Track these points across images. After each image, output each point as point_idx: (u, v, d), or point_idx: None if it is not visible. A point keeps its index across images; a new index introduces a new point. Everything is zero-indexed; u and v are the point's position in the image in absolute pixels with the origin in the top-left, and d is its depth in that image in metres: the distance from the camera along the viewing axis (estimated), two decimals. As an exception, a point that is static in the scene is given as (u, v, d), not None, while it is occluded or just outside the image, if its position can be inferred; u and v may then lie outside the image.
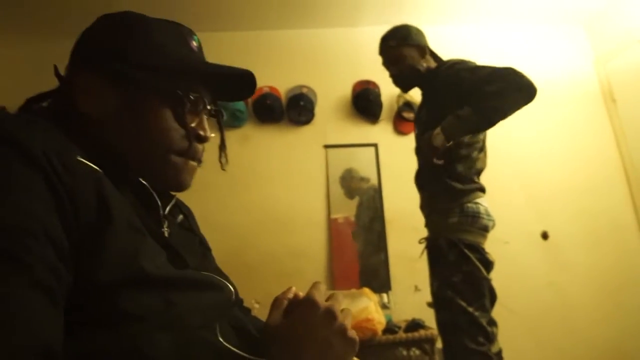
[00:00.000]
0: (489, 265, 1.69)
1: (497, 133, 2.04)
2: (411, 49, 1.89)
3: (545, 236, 2.98)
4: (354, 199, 3.02)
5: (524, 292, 2.80)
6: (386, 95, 3.14)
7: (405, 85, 1.98)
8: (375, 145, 3.12)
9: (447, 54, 1.97)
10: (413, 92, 2.28)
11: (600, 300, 2.86)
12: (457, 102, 1.66)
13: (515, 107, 1.57)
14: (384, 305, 2.69)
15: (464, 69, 1.72)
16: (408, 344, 2.39)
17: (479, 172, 1.82)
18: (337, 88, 3.20)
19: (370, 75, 3.12)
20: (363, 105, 3.12)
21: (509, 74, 1.56)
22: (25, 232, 0.41)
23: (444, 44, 2.06)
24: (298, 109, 3.06)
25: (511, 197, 2.96)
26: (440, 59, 1.93)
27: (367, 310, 2.33)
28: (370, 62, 3.08)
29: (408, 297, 2.76)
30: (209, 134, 0.68)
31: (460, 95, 1.66)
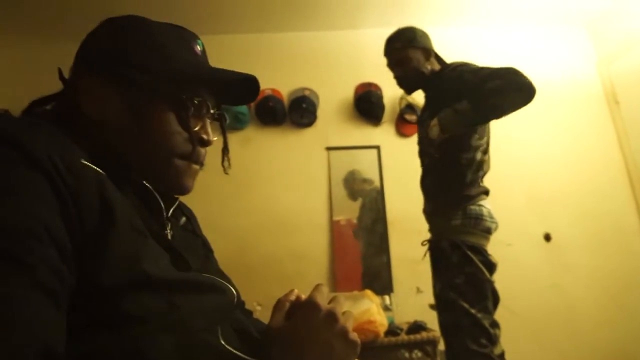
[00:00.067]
0: (491, 267, 1.69)
1: (499, 135, 2.04)
2: (416, 51, 1.89)
3: (547, 238, 2.97)
4: (357, 201, 3.02)
5: (526, 294, 2.79)
6: (388, 97, 3.15)
7: (409, 87, 1.99)
8: (377, 147, 3.12)
9: (449, 55, 1.97)
10: (415, 94, 2.28)
11: (604, 303, 2.85)
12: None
13: (513, 106, 1.59)
14: (386, 307, 2.69)
15: (467, 71, 1.73)
16: (410, 346, 2.39)
17: (484, 175, 1.83)
18: (339, 90, 3.21)
19: (372, 78, 3.13)
20: (365, 107, 3.13)
21: (510, 73, 1.57)
22: (28, 233, 0.41)
23: (446, 46, 2.06)
24: (300, 111, 3.07)
25: (514, 199, 2.95)
26: (444, 62, 1.93)
27: (369, 312, 2.33)
28: (372, 64, 3.09)
29: (410, 299, 2.76)
30: (212, 138, 0.69)
31: (463, 97, 1.66)
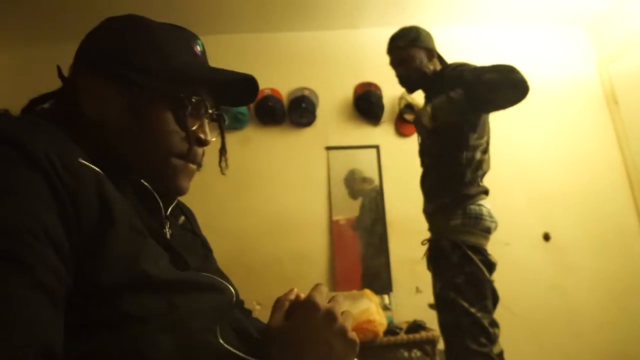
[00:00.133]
0: (491, 266, 1.69)
1: (499, 135, 2.04)
2: (420, 51, 1.90)
3: (547, 237, 2.97)
4: (357, 200, 3.02)
5: (526, 295, 2.79)
6: (388, 97, 3.15)
7: (411, 86, 1.99)
8: (376, 147, 3.13)
9: (449, 55, 1.97)
10: (415, 94, 2.28)
11: (605, 305, 2.85)
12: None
13: (505, 102, 1.62)
14: (385, 307, 2.69)
15: (466, 70, 1.74)
16: (409, 346, 2.39)
17: (483, 175, 1.83)
18: (338, 90, 3.21)
19: (371, 77, 3.13)
20: (364, 107, 3.13)
21: (507, 69, 1.59)
22: (26, 233, 0.41)
23: (446, 46, 2.06)
24: (300, 111, 3.07)
25: (513, 199, 2.95)
26: (446, 63, 1.94)
27: (369, 311, 2.33)
28: (371, 64, 3.10)
29: (409, 298, 2.76)
30: (210, 138, 0.68)
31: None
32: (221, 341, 0.56)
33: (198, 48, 0.69)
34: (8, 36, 3.06)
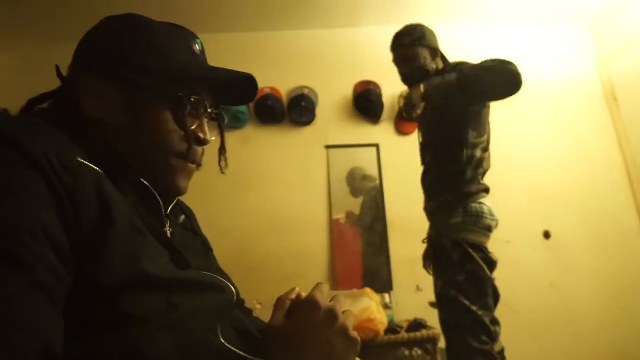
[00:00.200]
0: (492, 264, 1.69)
1: (499, 134, 2.04)
2: (424, 50, 1.90)
3: (547, 235, 2.97)
4: (359, 198, 3.02)
5: (527, 293, 2.79)
6: (387, 95, 3.14)
7: (413, 84, 1.99)
8: (376, 145, 3.12)
9: (450, 54, 1.98)
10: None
11: (605, 304, 2.85)
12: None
13: (494, 88, 1.64)
14: (386, 306, 2.69)
15: (467, 67, 1.74)
16: (410, 344, 2.39)
17: (484, 173, 1.83)
18: (338, 89, 3.20)
19: (371, 76, 3.12)
20: (364, 105, 3.12)
21: (504, 61, 1.62)
22: (25, 232, 0.41)
23: (446, 45, 2.05)
24: (299, 109, 3.06)
25: (513, 198, 2.95)
26: (448, 62, 1.94)
27: (369, 310, 2.33)
28: (371, 62, 3.10)
29: (410, 297, 2.76)
30: (209, 137, 0.68)
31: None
32: (222, 340, 0.56)
33: (197, 47, 0.69)
34: (8, 36, 3.06)
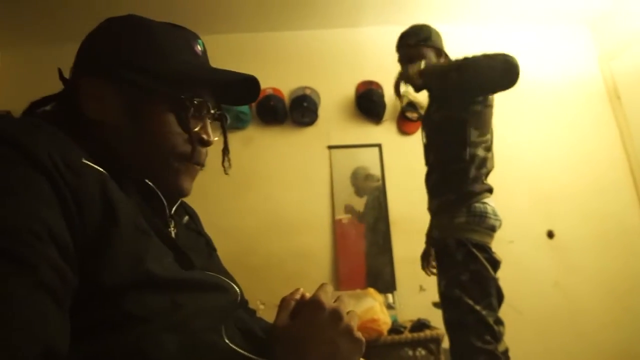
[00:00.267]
0: (496, 264, 1.69)
1: (501, 133, 2.03)
2: (429, 50, 1.90)
3: (550, 235, 2.96)
4: (363, 197, 3.02)
5: (530, 293, 2.78)
6: (389, 95, 3.13)
7: (419, 84, 1.98)
8: (379, 145, 3.12)
9: (451, 54, 1.97)
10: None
11: (608, 304, 2.83)
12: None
13: (489, 72, 1.65)
14: (389, 306, 2.69)
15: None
16: (414, 344, 2.39)
17: (488, 173, 1.82)
18: (340, 89, 3.20)
19: (373, 76, 3.12)
20: (366, 105, 3.12)
21: (505, 54, 1.65)
22: (29, 233, 0.41)
23: (447, 45, 2.05)
24: (301, 110, 3.07)
25: (516, 197, 2.94)
26: (451, 61, 1.94)
27: (373, 310, 2.33)
28: (373, 62, 3.09)
29: (413, 297, 2.76)
30: (212, 138, 0.68)
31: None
32: (226, 341, 0.56)
33: (199, 48, 0.69)
34: (10, 35, 3.07)
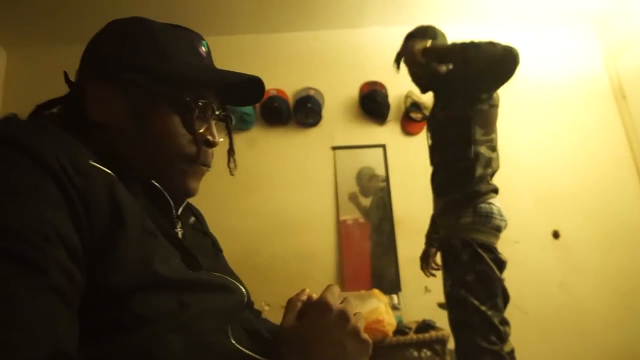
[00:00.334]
0: (501, 265, 1.68)
1: (506, 133, 2.03)
2: None
3: (556, 235, 2.95)
4: (368, 198, 3.02)
5: (535, 293, 2.76)
6: (393, 96, 3.14)
7: (425, 85, 1.98)
8: (383, 146, 3.12)
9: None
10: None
11: (613, 304, 2.82)
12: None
13: (492, 56, 1.69)
14: (394, 307, 2.68)
15: None
16: (419, 345, 2.38)
17: (493, 174, 1.82)
18: (344, 89, 3.20)
19: (377, 76, 3.12)
20: (370, 106, 3.12)
21: (506, 44, 1.71)
22: (37, 235, 0.41)
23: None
24: (305, 111, 3.07)
25: (521, 197, 2.93)
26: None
27: (377, 311, 2.32)
28: (377, 63, 3.09)
29: (418, 298, 2.75)
30: (218, 139, 0.69)
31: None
32: (233, 341, 0.56)
33: (203, 49, 0.69)
34: (15, 36, 3.09)
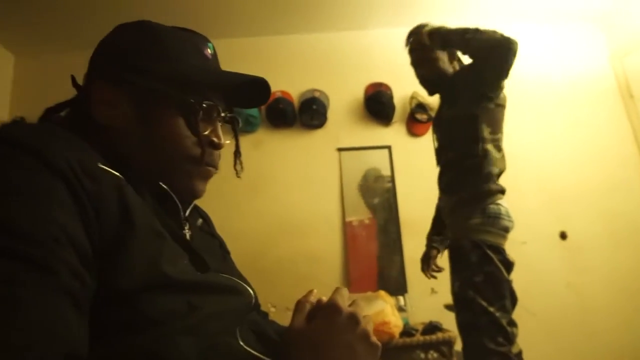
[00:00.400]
0: (509, 266, 1.68)
1: (513, 133, 2.02)
2: (444, 53, 1.89)
3: (563, 236, 2.93)
4: (373, 199, 3.02)
5: (543, 294, 2.75)
6: (398, 97, 3.13)
7: (432, 87, 1.98)
8: (388, 147, 3.12)
9: (463, 56, 1.96)
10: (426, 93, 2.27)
11: (621, 304, 2.80)
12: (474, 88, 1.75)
13: (491, 40, 1.64)
14: (401, 308, 2.67)
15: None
16: (426, 347, 2.37)
17: (500, 174, 1.81)
18: (349, 91, 3.20)
19: (382, 78, 3.12)
20: (376, 107, 3.12)
21: (506, 35, 1.65)
22: (48, 238, 0.41)
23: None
24: (310, 112, 3.07)
25: (528, 197, 2.92)
26: (463, 64, 1.93)
27: (384, 313, 2.32)
28: (381, 64, 3.09)
29: (424, 299, 2.74)
30: (223, 141, 0.69)
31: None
32: (241, 343, 0.56)
33: (209, 51, 0.69)
34: (24, 41, 3.11)
